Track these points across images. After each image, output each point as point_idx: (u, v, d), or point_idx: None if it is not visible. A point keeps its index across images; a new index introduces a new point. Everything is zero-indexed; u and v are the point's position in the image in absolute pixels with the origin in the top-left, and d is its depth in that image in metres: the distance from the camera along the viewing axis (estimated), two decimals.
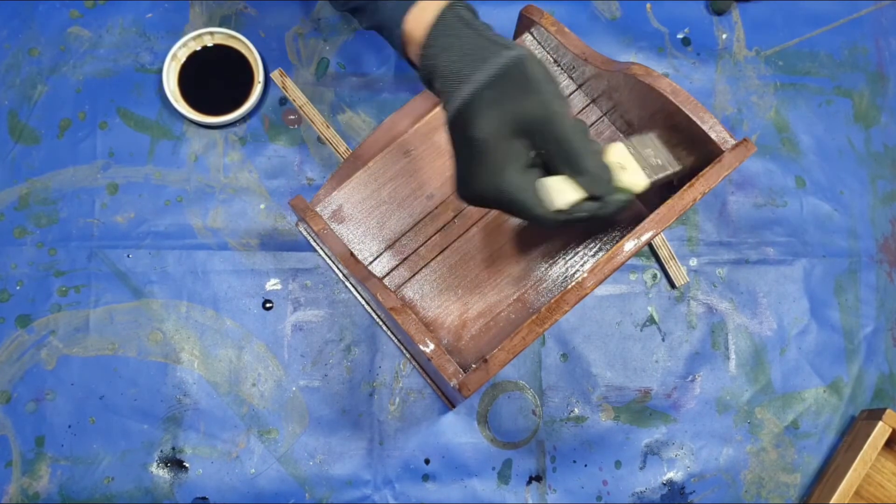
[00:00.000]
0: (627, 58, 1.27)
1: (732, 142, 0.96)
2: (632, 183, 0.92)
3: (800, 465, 1.19)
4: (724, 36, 1.29)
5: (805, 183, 1.25)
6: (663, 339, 1.21)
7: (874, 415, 1.14)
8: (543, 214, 0.87)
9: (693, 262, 1.22)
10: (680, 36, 1.28)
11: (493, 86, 0.84)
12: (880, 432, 1.12)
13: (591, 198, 0.88)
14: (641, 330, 1.21)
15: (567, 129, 0.85)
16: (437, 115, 1.16)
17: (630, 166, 0.93)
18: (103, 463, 1.14)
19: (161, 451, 1.15)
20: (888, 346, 1.22)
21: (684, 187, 0.94)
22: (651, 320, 1.21)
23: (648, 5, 1.29)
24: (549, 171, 0.88)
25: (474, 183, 0.88)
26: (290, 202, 1.07)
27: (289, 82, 1.23)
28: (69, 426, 1.15)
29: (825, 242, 1.24)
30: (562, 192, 0.87)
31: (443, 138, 1.15)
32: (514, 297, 1.12)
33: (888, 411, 1.12)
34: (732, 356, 1.21)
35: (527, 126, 0.85)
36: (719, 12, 1.28)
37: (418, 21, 0.89)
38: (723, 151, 0.95)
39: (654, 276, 1.22)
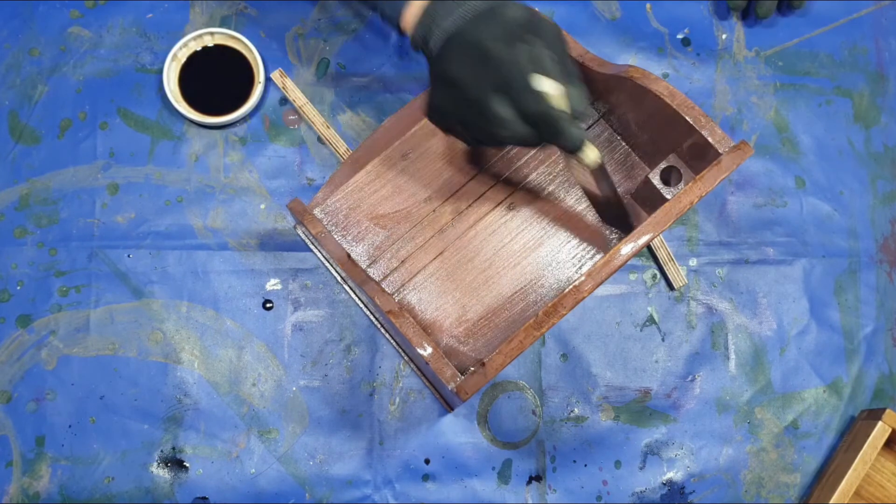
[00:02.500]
0: (627, 58, 1.27)
1: (730, 144, 0.96)
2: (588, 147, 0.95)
3: (800, 465, 1.19)
4: (724, 36, 1.29)
5: (805, 183, 1.25)
6: (663, 339, 1.21)
7: (874, 415, 1.14)
8: (533, 90, 0.90)
9: (693, 262, 1.22)
10: (680, 36, 1.28)
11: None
12: (880, 432, 1.12)
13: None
14: (641, 330, 1.21)
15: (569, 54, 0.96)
16: None
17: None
18: (103, 463, 1.15)
19: (161, 451, 1.15)
20: (888, 346, 1.22)
21: (683, 189, 0.94)
22: (651, 320, 1.21)
23: (648, 5, 1.29)
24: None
25: (484, 42, 0.91)
26: (288, 205, 1.07)
27: (289, 83, 1.23)
28: (69, 426, 1.15)
29: (825, 242, 1.24)
30: (547, 84, 0.90)
31: (441, 141, 1.16)
32: (512, 300, 1.12)
33: (888, 411, 1.12)
34: (732, 356, 1.21)
35: (543, 31, 0.93)
36: (736, 9, 1.28)
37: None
38: (720, 154, 0.95)
39: (654, 277, 1.21)
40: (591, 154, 0.94)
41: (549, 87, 0.89)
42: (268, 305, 1.19)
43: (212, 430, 1.16)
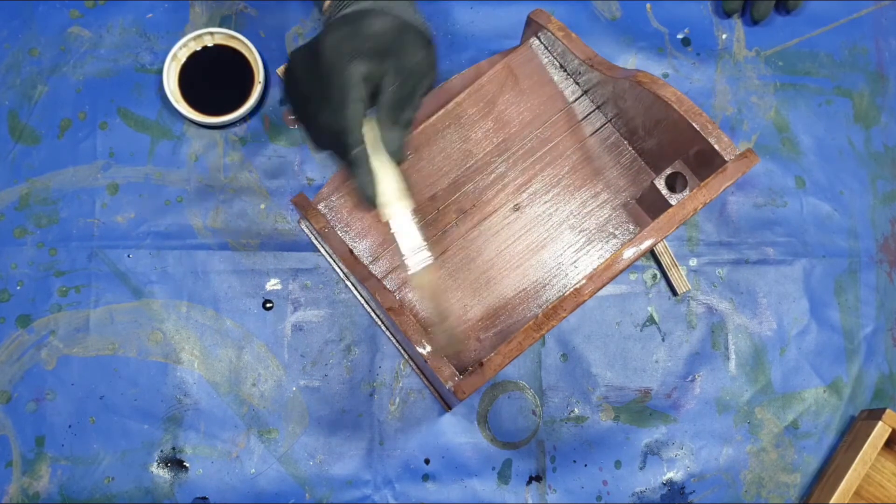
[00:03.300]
0: (627, 58, 1.27)
1: (736, 152, 0.96)
2: (389, 195, 0.92)
3: (800, 465, 1.19)
4: (724, 36, 1.29)
5: (805, 183, 1.25)
6: (663, 340, 1.21)
7: (874, 415, 1.14)
8: (346, 109, 0.86)
9: (693, 262, 1.22)
10: (680, 36, 1.28)
11: (412, 25, 0.89)
12: (880, 432, 1.12)
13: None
14: (641, 330, 1.21)
15: (420, 99, 0.90)
16: (442, 116, 1.16)
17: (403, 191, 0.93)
18: (103, 463, 1.15)
19: (161, 451, 1.15)
20: (888, 346, 1.22)
21: (687, 196, 0.94)
22: (651, 320, 1.21)
23: (648, 5, 1.29)
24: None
25: (324, 46, 0.87)
26: (292, 200, 1.07)
27: None
28: (69, 426, 1.15)
29: (825, 242, 1.24)
30: (367, 129, 0.88)
31: (446, 141, 1.16)
32: (513, 301, 1.12)
33: (888, 411, 1.12)
34: (732, 356, 1.21)
35: (402, 59, 0.87)
36: (731, 12, 1.28)
37: None
38: (726, 161, 0.95)
39: (654, 277, 1.21)
40: (388, 201, 0.92)
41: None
42: (268, 305, 1.19)
43: (212, 430, 1.16)
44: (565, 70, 1.17)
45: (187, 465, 1.15)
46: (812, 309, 1.22)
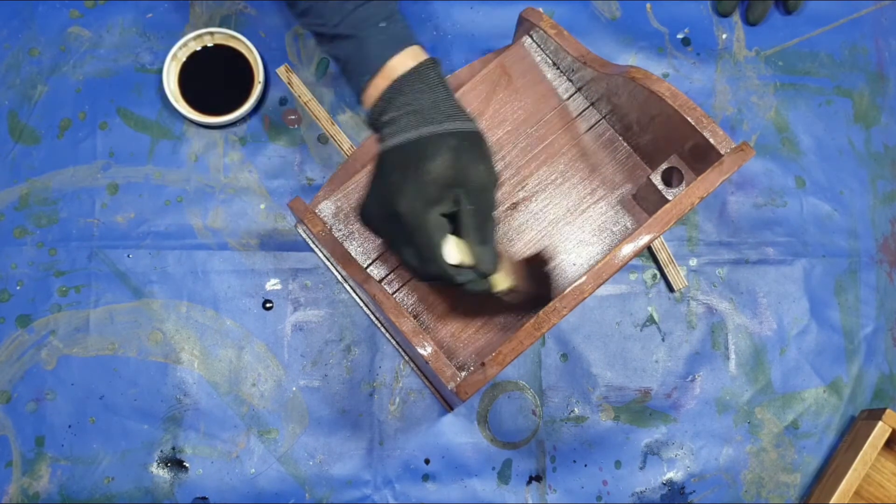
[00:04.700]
0: (627, 58, 1.27)
1: (731, 146, 0.96)
2: (499, 281, 0.99)
3: (800, 465, 1.19)
4: (724, 36, 1.28)
5: (805, 183, 1.25)
6: (663, 339, 1.21)
7: (874, 415, 1.14)
8: (436, 260, 0.91)
9: (693, 262, 1.22)
10: (680, 36, 1.28)
11: (458, 137, 0.90)
12: (880, 432, 1.12)
13: (471, 268, 0.94)
14: (641, 330, 1.21)
15: (495, 202, 0.95)
16: None
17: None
18: (103, 463, 1.15)
19: (161, 451, 1.15)
20: (888, 346, 1.22)
21: (684, 191, 0.94)
22: (651, 320, 1.21)
23: (648, 5, 1.29)
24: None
25: (399, 206, 0.90)
26: (288, 204, 1.07)
27: (294, 78, 1.23)
28: (69, 426, 1.15)
29: (825, 242, 1.24)
30: (456, 251, 0.93)
31: None
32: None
33: (888, 411, 1.12)
34: (732, 356, 1.21)
35: (468, 184, 0.91)
36: (725, 12, 1.28)
37: (401, 63, 0.93)
38: (721, 155, 0.95)
39: (654, 276, 1.21)
40: (501, 287, 0.99)
41: (450, 256, 0.92)
42: (268, 305, 1.19)
43: (212, 430, 1.16)
44: (558, 68, 1.17)
45: (187, 465, 1.15)
46: (812, 309, 1.22)
